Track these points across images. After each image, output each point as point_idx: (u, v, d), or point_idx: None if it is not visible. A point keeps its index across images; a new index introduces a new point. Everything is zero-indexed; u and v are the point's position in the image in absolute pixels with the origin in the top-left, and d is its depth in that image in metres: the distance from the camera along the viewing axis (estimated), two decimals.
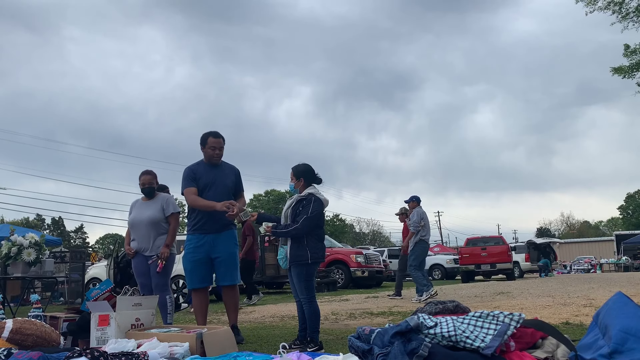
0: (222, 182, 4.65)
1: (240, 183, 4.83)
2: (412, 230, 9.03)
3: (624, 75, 17.62)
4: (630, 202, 68.14)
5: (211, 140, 4.65)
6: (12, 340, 3.37)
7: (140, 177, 5.02)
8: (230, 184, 4.69)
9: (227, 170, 4.76)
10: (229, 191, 4.66)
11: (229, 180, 4.70)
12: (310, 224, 4.13)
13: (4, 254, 6.94)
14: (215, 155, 4.67)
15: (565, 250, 43.15)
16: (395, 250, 26.66)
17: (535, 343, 2.61)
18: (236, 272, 4.67)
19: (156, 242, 4.84)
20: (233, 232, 4.69)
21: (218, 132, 4.74)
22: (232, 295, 4.74)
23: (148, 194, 5.00)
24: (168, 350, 3.15)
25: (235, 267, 4.65)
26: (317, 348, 3.98)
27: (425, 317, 2.66)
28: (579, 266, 32.17)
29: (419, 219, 9.05)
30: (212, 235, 4.57)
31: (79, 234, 68.97)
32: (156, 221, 4.86)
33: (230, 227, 4.68)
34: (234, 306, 4.75)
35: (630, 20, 17.00)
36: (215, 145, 4.65)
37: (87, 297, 4.31)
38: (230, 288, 4.71)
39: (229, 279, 4.62)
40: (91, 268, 14.16)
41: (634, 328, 2.19)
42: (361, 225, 64.64)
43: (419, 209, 9.28)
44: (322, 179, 4.42)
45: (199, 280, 4.62)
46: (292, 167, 4.40)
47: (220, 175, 4.68)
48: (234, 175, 4.77)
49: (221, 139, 4.71)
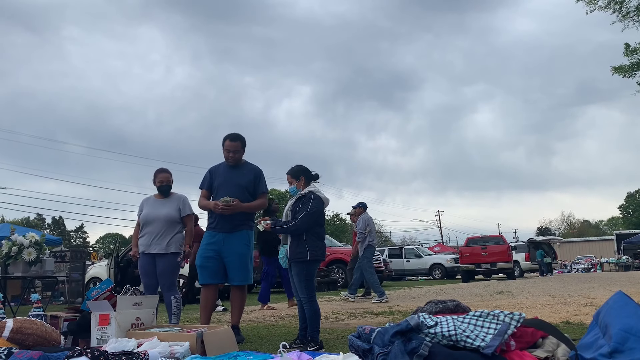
0: (235, 182, 4.68)
1: (260, 184, 4.80)
2: (358, 239, 9.31)
3: (625, 75, 17.59)
4: (630, 202, 68.15)
5: (227, 144, 4.74)
6: (12, 340, 3.37)
7: (158, 175, 5.05)
8: (245, 183, 4.70)
9: (246, 170, 4.80)
10: (243, 191, 4.67)
11: (245, 180, 4.71)
12: (309, 220, 4.13)
13: (5, 253, 6.94)
14: (229, 158, 4.75)
15: (565, 250, 43.15)
16: (395, 249, 26.75)
17: (535, 342, 2.61)
18: (244, 273, 4.66)
19: (171, 241, 4.86)
20: (245, 233, 4.68)
21: (236, 135, 4.78)
22: (238, 296, 4.76)
23: (165, 192, 5.03)
24: (168, 350, 3.15)
25: (243, 268, 4.64)
26: (317, 347, 3.98)
27: (426, 317, 2.66)
28: (580, 265, 32.21)
29: (364, 226, 9.28)
30: (223, 235, 4.62)
31: (80, 234, 69.05)
32: (172, 220, 4.91)
33: (242, 227, 4.66)
34: (238, 306, 4.77)
35: (631, 19, 16.98)
36: (229, 148, 4.72)
37: (87, 297, 4.31)
38: (237, 288, 4.73)
39: (236, 279, 4.64)
40: (91, 267, 14.19)
41: (634, 327, 2.19)
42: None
43: (365, 215, 9.50)
44: (319, 175, 4.49)
45: (207, 276, 4.65)
46: (287, 172, 4.48)
47: (237, 175, 4.73)
48: (252, 175, 4.78)
49: (238, 142, 4.75)
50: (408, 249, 26.87)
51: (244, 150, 4.84)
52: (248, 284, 4.75)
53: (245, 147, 4.84)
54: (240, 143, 4.77)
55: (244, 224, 4.68)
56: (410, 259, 24.85)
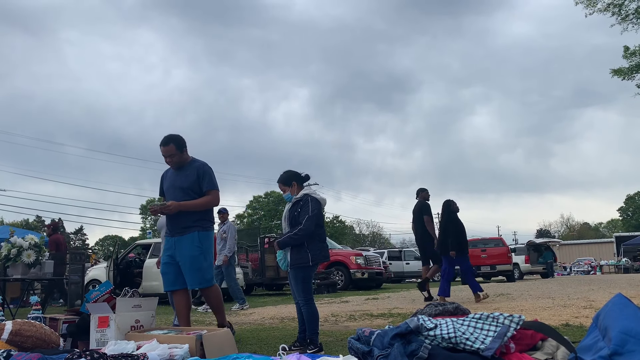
0: (178, 185, 4.52)
1: (203, 181, 4.51)
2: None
3: (624, 77, 17.64)
4: (630, 204, 68.25)
5: (161, 150, 4.53)
6: (11, 342, 3.37)
7: None
8: (188, 184, 4.49)
9: (189, 171, 4.56)
10: (187, 192, 4.48)
11: (188, 182, 4.50)
12: (314, 222, 4.14)
13: (4, 255, 6.94)
14: (167, 163, 4.60)
15: (565, 252, 43.13)
16: (395, 252, 26.73)
17: (535, 345, 2.62)
18: (198, 276, 4.42)
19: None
20: (195, 235, 4.44)
21: (167, 139, 4.50)
22: (208, 297, 4.62)
23: None
24: (168, 352, 3.15)
25: (195, 271, 4.42)
26: (316, 350, 3.98)
27: (425, 319, 2.66)
28: (579, 268, 32.17)
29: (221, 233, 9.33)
30: (175, 239, 4.50)
31: (79, 236, 68.96)
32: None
33: (193, 229, 4.45)
34: (214, 306, 4.64)
35: (630, 22, 17.03)
36: (164, 154, 4.53)
37: (86, 299, 4.31)
38: (205, 290, 4.58)
39: (190, 283, 4.47)
40: (91, 270, 14.16)
41: (634, 330, 2.19)
42: (361, 227, 64.57)
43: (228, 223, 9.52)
44: (309, 175, 4.49)
45: (167, 283, 4.55)
46: (277, 181, 4.47)
47: (179, 178, 4.55)
48: (195, 175, 4.53)
49: (170, 146, 4.47)
50: (407, 251, 26.84)
51: (183, 149, 4.53)
52: (205, 287, 4.50)
53: (183, 147, 4.53)
54: (173, 146, 4.47)
55: (195, 225, 4.45)
56: (410, 261, 24.82)
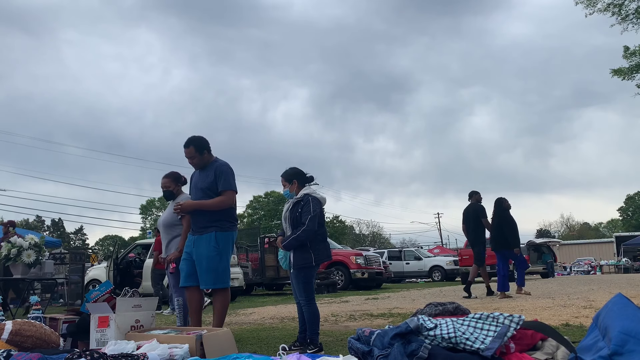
0: (199, 186, 4.58)
1: (219, 181, 4.51)
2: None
3: (624, 77, 17.63)
4: (630, 204, 68.23)
5: (184, 152, 4.60)
6: (11, 342, 3.36)
7: (161, 181, 5.20)
8: (207, 185, 4.52)
9: (209, 171, 4.59)
10: (206, 193, 4.51)
11: (207, 182, 4.53)
12: (316, 222, 4.15)
13: (4, 255, 6.94)
14: (190, 164, 4.67)
15: (565, 252, 43.11)
16: (395, 251, 26.75)
17: (535, 345, 2.62)
18: (211, 276, 4.42)
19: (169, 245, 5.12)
20: (212, 235, 4.44)
21: (187, 141, 4.57)
22: (215, 299, 4.58)
23: (167, 197, 5.25)
24: (168, 352, 3.15)
25: (209, 271, 4.42)
26: (317, 350, 3.98)
27: (425, 319, 2.66)
28: (579, 268, 32.17)
29: None
30: (194, 237, 4.54)
31: (79, 236, 69.02)
32: (170, 224, 5.08)
33: (210, 229, 4.45)
34: (216, 310, 4.58)
35: (630, 22, 17.02)
36: (186, 156, 4.61)
37: (86, 299, 4.31)
38: (215, 292, 4.55)
39: (202, 283, 4.47)
40: (91, 269, 14.18)
41: (634, 330, 2.19)
42: (361, 227, 64.56)
43: None
44: (313, 177, 4.48)
45: (182, 278, 4.58)
46: (281, 175, 4.48)
47: (200, 178, 4.60)
48: (213, 175, 4.54)
49: (190, 148, 4.54)
50: (407, 251, 26.89)
51: (203, 151, 4.56)
52: (217, 287, 4.47)
53: (203, 148, 4.55)
54: (193, 148, 4.52)
55: (213, 225, 4.45)
56: (410, 261, 24.85)
